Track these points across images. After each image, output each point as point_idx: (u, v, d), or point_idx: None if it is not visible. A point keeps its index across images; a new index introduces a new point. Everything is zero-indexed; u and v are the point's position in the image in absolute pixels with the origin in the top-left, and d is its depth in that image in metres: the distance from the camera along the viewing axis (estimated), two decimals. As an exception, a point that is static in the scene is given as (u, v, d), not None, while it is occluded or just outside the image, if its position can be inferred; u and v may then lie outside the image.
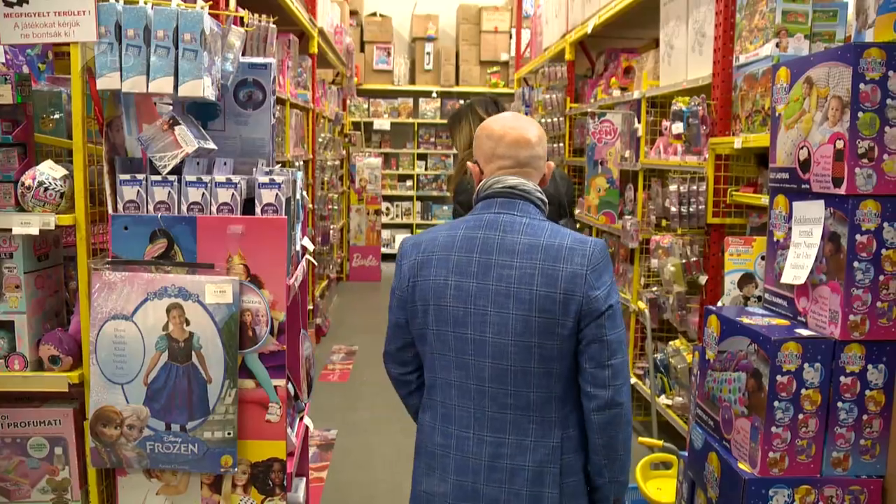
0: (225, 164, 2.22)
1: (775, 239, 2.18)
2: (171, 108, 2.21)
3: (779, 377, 1.90)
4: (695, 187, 3.82)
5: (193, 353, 2.08)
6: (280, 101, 5.28)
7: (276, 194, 2.10)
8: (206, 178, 2.10)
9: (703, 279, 3.77)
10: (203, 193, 2.09)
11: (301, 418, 2.58)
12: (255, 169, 2.25)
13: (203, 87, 2.05)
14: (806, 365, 1.90)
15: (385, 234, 11.66)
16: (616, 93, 5.39)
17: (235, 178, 2.11)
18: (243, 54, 2.35)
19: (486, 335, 1.88)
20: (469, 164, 2.07)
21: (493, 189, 1.96)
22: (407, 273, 1.98)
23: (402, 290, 1.99)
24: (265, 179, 2.11)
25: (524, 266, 1.87)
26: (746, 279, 2.65)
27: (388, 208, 11.89)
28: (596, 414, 1.88)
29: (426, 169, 12.09)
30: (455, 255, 1.92)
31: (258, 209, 2.11)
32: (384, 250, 11.31)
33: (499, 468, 1.90)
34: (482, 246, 1.91)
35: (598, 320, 1.85)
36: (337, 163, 9.13)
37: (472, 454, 1.91)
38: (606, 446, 1.91)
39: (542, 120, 7.07)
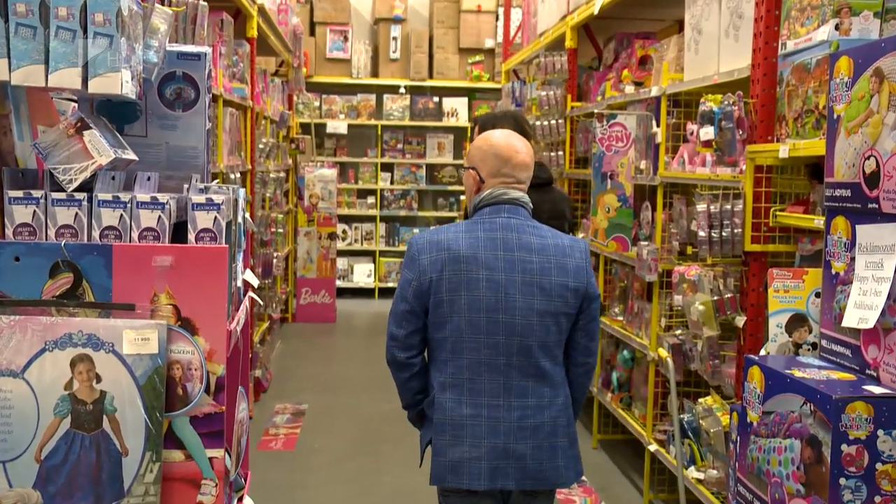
0: (148, 178, 2.20)
1: (834, 271, 2.19)
2: (75, 106, 2.18)
3: (844, 447, 1.90)
4: (729, 206, 3.84)
5: (105, 417, 2.04)
6: (212, 98, 5.26)
7: (215, 217, 2.08)
8: (124, 197, 2.08)
9: (740, 321, 3.78)
10: (121, 216, 2.07)
11: (240, 498, 2.55)
12: (186, 186, 2.23)
13: (121, 83, 2.03)
14: (880, 432, 1.90)
15: (341, 263, 11.60)
16: (629, 89, 5.44)
17: (162, 198, 2.09)
18: (169, 41, 2.33)
19: (515, 318, 2.80)
20: (471, 172, 2.95)
21: (500, 199, 2.90)
22: (429, 268, 2.83)
23: (421, 282, 2.84)
24: (201, 199, 2.09)
25: (542, 261, 2.83)
26: (797, 321, 2.66)
27: (345, 231, 11.89)
28: (583, 376, 3.00)
29: (392, 182, 12.12)
30: (482, 253, 2.81)
31: (191, 236, 2.09)
32: (340, 283, 11.23)
33: (525, 427, 2.82)
34: (503, 245, 2.82)
35: (594, 304, 2.92)
36: (282, 175, 9.12)
37: (502, 419, 2.81)
38: (583, 393, 3.05)
39: (537, 122, 7.07)
